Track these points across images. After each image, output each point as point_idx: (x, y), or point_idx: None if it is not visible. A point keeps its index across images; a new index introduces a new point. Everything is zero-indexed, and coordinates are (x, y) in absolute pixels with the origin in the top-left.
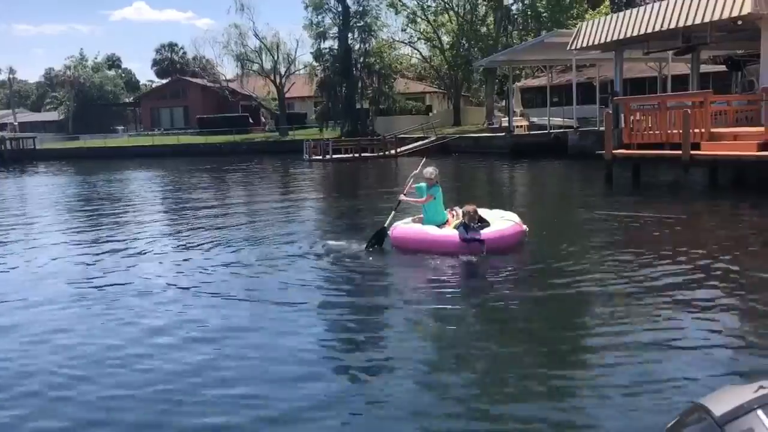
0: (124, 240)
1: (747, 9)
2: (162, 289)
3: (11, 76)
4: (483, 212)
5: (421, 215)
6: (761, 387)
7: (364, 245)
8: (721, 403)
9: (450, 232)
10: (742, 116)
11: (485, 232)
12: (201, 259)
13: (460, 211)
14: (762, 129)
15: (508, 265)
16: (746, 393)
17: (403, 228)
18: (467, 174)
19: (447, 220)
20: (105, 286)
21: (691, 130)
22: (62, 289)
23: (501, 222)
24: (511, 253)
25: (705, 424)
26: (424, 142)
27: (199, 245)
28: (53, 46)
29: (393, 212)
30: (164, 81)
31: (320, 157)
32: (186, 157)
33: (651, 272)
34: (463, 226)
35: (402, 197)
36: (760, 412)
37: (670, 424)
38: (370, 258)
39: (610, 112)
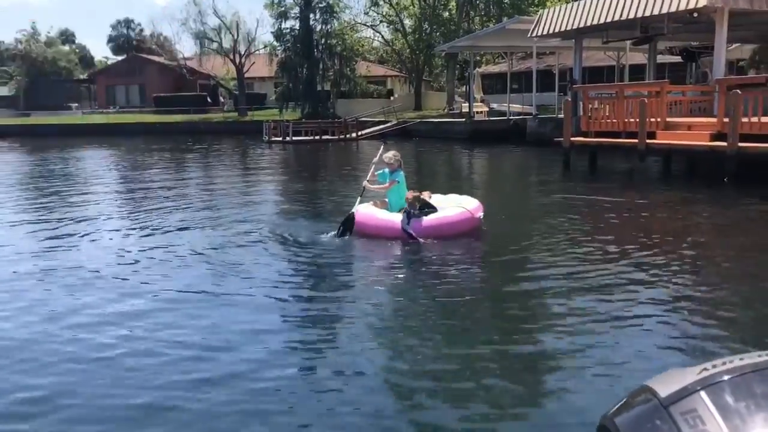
0: (74, 220)
1: (702, 2)
2: (111, 273)
3: None
4: (438, 198)
5: (386, 199)
6: (704, 369)
7: (332, 232)
8: (666, 385)
9: (394, 218)
10: (696, 107)
11: (429, 219)
12: (155, 242)
13: (425, 194)
14: (714, 120)
15: (460, 250)
16: (690, 375)
17: (360, 212)
18: (427, 159)
19: None
20: (51, 265)
21: (647, 119)
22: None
23: (450, 209)
24: (466, 238)
25: (651, 404)
26: (385, 126)
27: (154, 228)
28: (2, 18)
29: (359, 198)
30: (120, 58)
31: (280, 139)
32: (142, 135)
33: (604, 258)
34: (406, 213)
35: (366, 184)
36: (702, 393)
37: (617, 405)
38: (326, 242)
39: (570, 99)
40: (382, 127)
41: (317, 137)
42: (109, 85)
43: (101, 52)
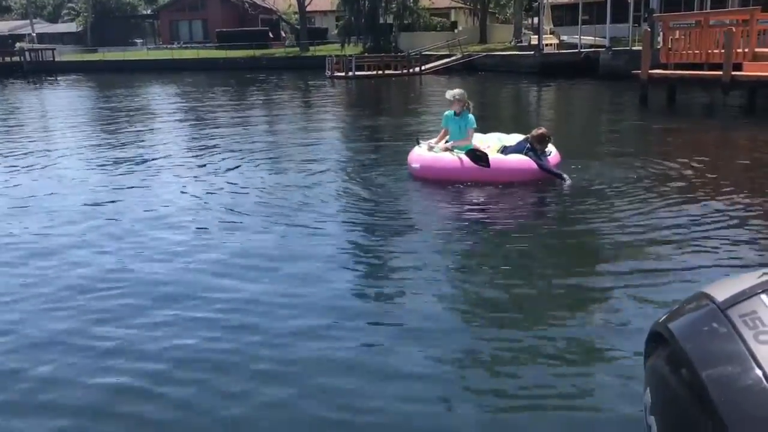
0: (140, 157)
1: None
2: (175, 210)
3: None
4: (502, 137)
5: (445, 141)
6: (764, 273)
7: (482, 163)
8: (723, 290)
9: (522, 159)
10: None
11: (550, 159)
12: (219, 180)
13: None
14: None
15: (531, 196)
16: (749, 280)
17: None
18: (494, 94)
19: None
20: (116, 204)
21: (733, 50)
22: (73, 204)
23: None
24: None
25: (707, 309)
26: (450, 59)
27: (217, 165)
28: None
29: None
30: None
31: (343, 74)
32: (205, 71)
33: (678, 197)
34: (532, 152)
35: (447, 146)
36: (763, 296)
37: (671, 311)
38: (390, 187)
39: (649, 30)
40: (446, 60)
41: (380, 72)
42: (173, 20)
43: None
